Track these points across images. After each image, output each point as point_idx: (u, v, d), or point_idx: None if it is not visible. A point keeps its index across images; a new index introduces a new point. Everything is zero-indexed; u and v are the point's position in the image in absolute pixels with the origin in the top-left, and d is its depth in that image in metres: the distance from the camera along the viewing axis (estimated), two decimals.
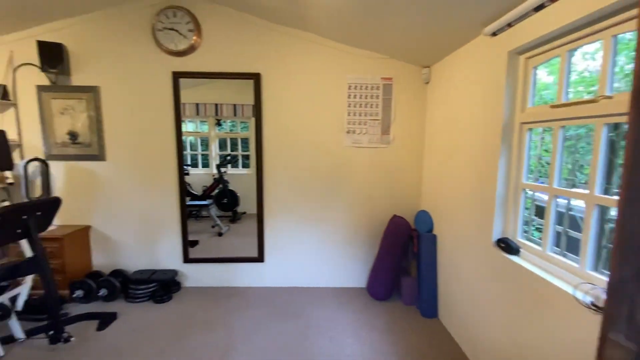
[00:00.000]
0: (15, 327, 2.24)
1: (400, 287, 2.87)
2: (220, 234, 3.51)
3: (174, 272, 2.98)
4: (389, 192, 3.00)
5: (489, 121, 1.92)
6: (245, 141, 3.55)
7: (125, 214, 2.97)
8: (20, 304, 2.25)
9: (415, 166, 2.98)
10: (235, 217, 3.66)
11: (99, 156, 2.87)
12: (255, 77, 2.78)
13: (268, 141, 2.92)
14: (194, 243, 3.18)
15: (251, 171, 3.10)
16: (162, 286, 2.85)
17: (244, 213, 3.62)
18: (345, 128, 2.88)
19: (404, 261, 2.95)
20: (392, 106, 2.86)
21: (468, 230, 2.15)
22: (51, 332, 2.14)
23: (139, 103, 2.83)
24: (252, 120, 2.93)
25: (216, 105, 3.22)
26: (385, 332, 2.41)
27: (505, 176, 1.84)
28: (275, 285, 3.11)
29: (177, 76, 2.76)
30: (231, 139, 3.57)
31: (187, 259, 3.04)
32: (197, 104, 3.13)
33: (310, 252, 3.07)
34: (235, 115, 3.27)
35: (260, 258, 3.04)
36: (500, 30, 1.76)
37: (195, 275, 3.09)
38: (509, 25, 1.68)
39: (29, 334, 2.28)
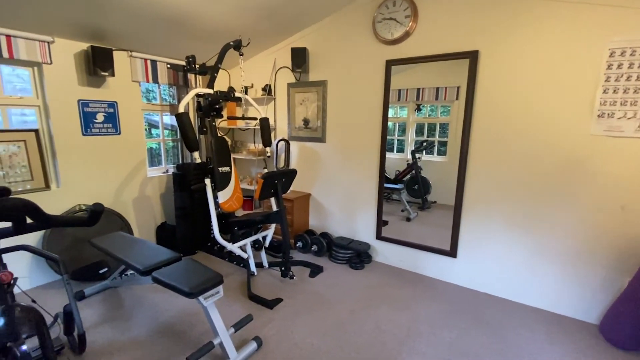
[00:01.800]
0: (263, 257, 3.17)
1: None
2: (408, 219, 3.55)
3: (367, 245, 3.29)
4: None
5: None
6: (443, 126, 3.35)
7: (334, 187, 3.51)
8: (267, 242, 3.15)
9: None
10: (424, 205, 3.58)
11: (321, 138, 3.49)
12: (472, 56, 2.51)
13: (478, 126, 2.62)
14: (384, 223, 3.38)
15: (446, 159, 2.91)
16: (357, 255, 3.23)
17: (434, 202, 3.47)
18: (596, 111, 2.15)
19: None
20: None
21: None
22: (283, 268, 2.87)
23: (353, 92, 3.20)
24: (455, 104, 2.70)
25: (418, 89, 3.18)
26: None
27: None
28: (466, 286, 2.85)
29: (389, 64, 2.91)
30: (429, 124, 3.45)
31: (379, 236, 3.28)
32: (399, 90, 3.20)
33: (517, 261, 2.59)
34: (436, 99, 3.11)
35: (452, 253, 2.86)
36: None
37: (384, 253, 3.29)
38: None
39: (270, 265, 3.17)
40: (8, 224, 1.27)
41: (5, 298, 1.28)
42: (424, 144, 3.51)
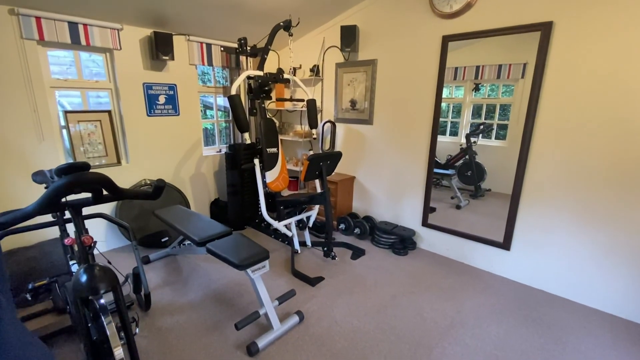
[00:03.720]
0: (307, 236, 3.25)
1: None
2: (458, 207, 3.36)
3: (412, 232, 3.21)
4: None
5: None
6: (504, 108, 3.04)
7: (380, 171, 3.44)
8: (310, 222, 3.22)
9: None
10: (477, 193, 3.35)
11: (368, 120, 3.41)
12: (544, 28, 2.23)
13: (546, 108, 2.35)
14: (432, 210, 3.25)
15: (506, 144, 2.67)
16: (401, 240, 3.17)
17: (489, 190, 3.23)
18: None
19: None
20: None
21: None
22: (325, 248, 2.93)
23: (405, 72, 3.05)
24: (520, 83, 2.43)
25: (476, 67, 2.91)
26: None
27: None
28: (519, 281, 2.67)
29: (446, 40, 2.70)
30: (487, 105, 3.16)
31: (425, 223, 3.18)
32: (455, 68, 2.96)
33: (585, 259, 2.34)
34: (498, 77, 2.82)
35: (505, 245, 2.68)
36: None
37: (430, 240, 3.19)
38: None
39: (313, 244, 3.25)
40: (88, 195, 1.45)
41: (87, 258, 1.49)
42: (481, 126, 3.24)
